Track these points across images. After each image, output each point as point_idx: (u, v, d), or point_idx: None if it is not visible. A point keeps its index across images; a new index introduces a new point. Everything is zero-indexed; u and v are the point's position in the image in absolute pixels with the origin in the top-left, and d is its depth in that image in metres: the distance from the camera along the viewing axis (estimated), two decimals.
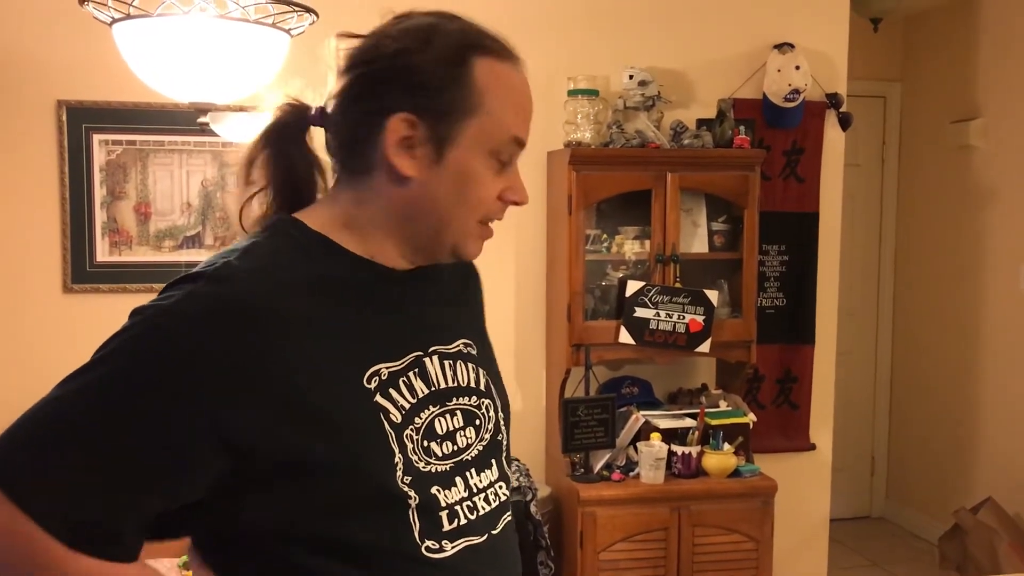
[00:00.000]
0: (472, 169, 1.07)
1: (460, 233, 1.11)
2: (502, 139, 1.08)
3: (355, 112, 1.08)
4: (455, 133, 1.05)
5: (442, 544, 1.06)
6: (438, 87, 1.04)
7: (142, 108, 3.32)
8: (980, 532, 4.01)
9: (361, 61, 1.08)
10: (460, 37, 1.07)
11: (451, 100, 1.04)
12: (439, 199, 1.07)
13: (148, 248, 3.38)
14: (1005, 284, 4.42)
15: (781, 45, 3.76)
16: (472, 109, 1.05)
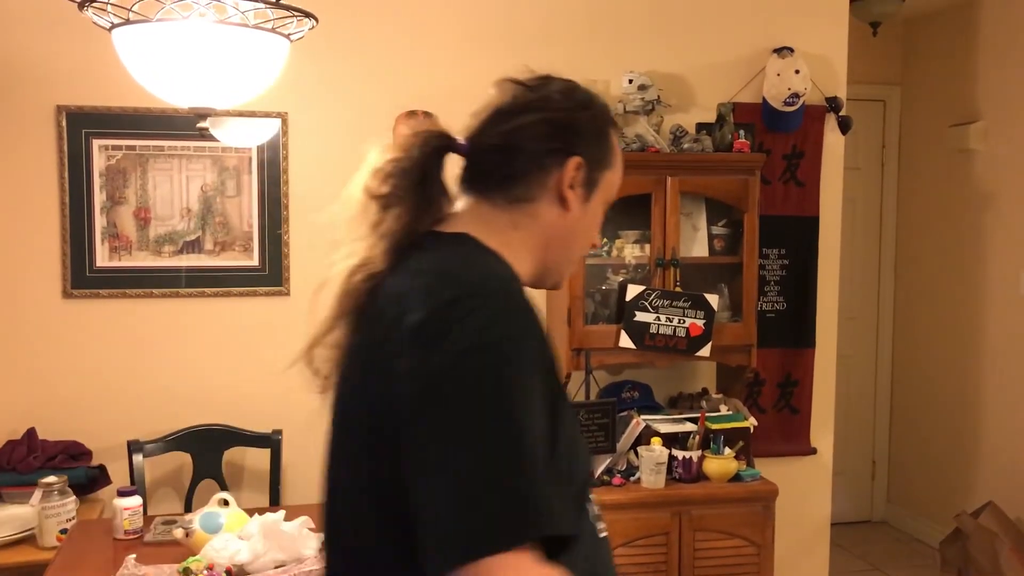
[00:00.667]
0: (598, 213, 1.29)
1: (572, 264, 1.32)
2: (612, 194, 1.30)
3: (533, 150, 1.23)
4: (600, 181, 1.26)
5: (599, 526, 1.23)
6: (597, 142, 1.26)
7: (142, 113, 3.32)
8: (981, 536, 4.00)
9: (536, 108, 1.25)
10: (604, 107, 1.30)
11: (603, 154, 1.26)
12: (577, 233, 1.27)
13: (148, 253, 3.38)
14: (1005, 288, 4.42)
15: (780, 49, 3.76)
16: (609, 165, 1.28)
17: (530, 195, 1.22)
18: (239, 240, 3.45)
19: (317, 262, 3.95)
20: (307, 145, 3.48)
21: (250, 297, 3.47)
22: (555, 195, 1.23)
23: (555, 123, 1.23)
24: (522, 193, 1.22)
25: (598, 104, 1.29)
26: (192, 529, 2.41)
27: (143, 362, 3.40)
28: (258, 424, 3.38)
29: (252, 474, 3.43)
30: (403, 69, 3.54)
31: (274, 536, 2.30)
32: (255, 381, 3.48)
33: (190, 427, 3.29)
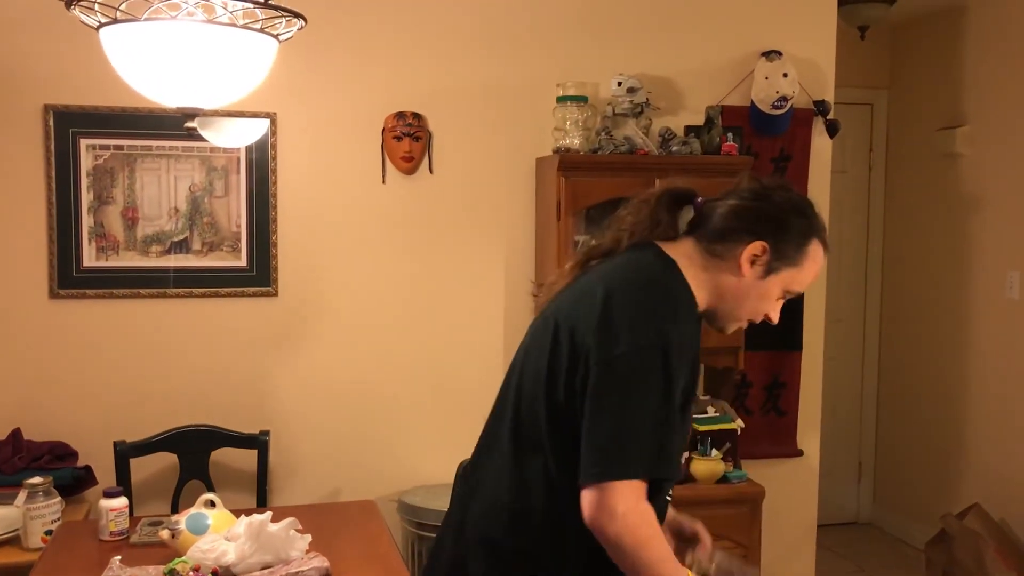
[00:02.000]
0: (770, 293, 1.67)
1: (736, 320, 1.71)
2: (794, 288, 1.68)
3: (740, 223, 1.65)
4: (779, 270, 1.65)
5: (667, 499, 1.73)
6: (787, 240, 1.64)
7: (129, 113, 3.31)
8: (966, 538, 4.02)
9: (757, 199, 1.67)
10: (816, 224, 1.69)
11: (791, 252, 1.65)
12: (745, 299, 1.67)
13: (135, 253, 3.37)
14: (992, 291, 4.44)
15: (769, 53, 3.77)
16: (795, 264, 1.66)
17: (722, 253, 1.64)
18: (227, 240, 3.44)
19: (305, 263, 3.96)
20: (296, 145, 3.48)
21: (238, 298, 3.46)
22: (737, 263, 1.63)
23: (763, 215, 1.64)
24: (718, 249, 1.64)
25: (809, 218, 1.68)
26: (178, 530, 2.40)
27: (130, 362, 3.38)
28: (245, 425, 3.37)
29: (239, 475, 3.43)
30: (392, 70, 3.54)
31: (261, 537, 2.29)
32: (243, 381, 3.47)
33: (177, 428, 3.28)
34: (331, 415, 3.56)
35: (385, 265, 3.58)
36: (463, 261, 3.61)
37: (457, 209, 3.62)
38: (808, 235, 1.66)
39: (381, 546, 2.58)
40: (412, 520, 3.31)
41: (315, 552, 2.37)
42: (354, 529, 2.72)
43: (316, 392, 3.54)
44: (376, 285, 3.58)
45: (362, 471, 3.55)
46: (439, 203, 3.60)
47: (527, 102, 3.64)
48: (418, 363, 3.58)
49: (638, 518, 1.48)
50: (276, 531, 2.31)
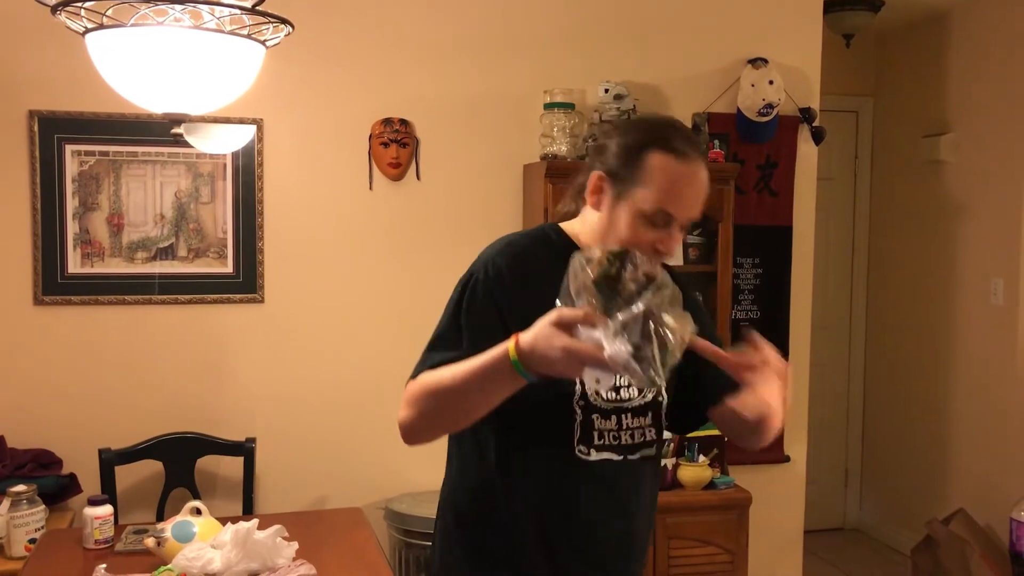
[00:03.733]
0: (625, 220, 1.58)
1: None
2: (652, 208, 1.56)
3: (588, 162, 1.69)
4: (625, 192, 1.58)
5: (589, 451, 1.63)
6: (618, 162, 1.60)
7: (115, 119, 3.30)
8: (952, 543, 4.04)
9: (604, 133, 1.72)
10: (646, 134, 1.60)
11: (623, 173, 1.59)
12: (612, 230, 1.59)
13: (121, 260, 3.35)
14: (976, 298, 4.47)
15: (755, 60, 3.79)
16: (637, 181, 1.57)
17: (585, 196, 1.65)
18: (213, 247, 3.42)
19: (292, 270, 3.94)
20: (283, 151, 3.47)
21: (224, 304, 3.45)
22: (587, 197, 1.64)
23: (597, 146, 1.66)
24: (584, 195, 1.65)
25: (642, 131, 1.61)
26: (164, 538, 2.39)
27: (115, 369, 3.36)
28: (231, 432, 3.35)
29: (225, 482, 3.41)
30: (379, 76, 3.54)
31: (247, 545, 2.28)
32: (229, 389, 3.46)
33: (162, 435, 3.26)
34: (317, 422, 3.55)
35: (372, 271, 3.58)
36: (450, 267, 3.57)
37: (444, 215, 3.62)
38: (640, 148, 1.57)
39: (368, 553, 2.57)
40: (399, 527, 3.30)
41: (302, 560, 2.36)
42: (341, 536, 2.71)
43: (302, 399, 3.53)
44: (363, 291, 3.58)
45: (349, 478, 3.54)
46: (426, 209, 3.60)
47: (514, 109, 3.64)
48: (404, 369, 3.55)
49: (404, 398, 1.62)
50: (262, 539, 2.30)
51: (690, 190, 1.58)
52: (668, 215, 1.56)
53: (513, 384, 1.41)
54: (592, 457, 1.63)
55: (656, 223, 1.56)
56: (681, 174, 1.56)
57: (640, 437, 1.68)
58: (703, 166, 1.60)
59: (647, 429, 1.69)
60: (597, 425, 1.63)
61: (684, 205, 1.57)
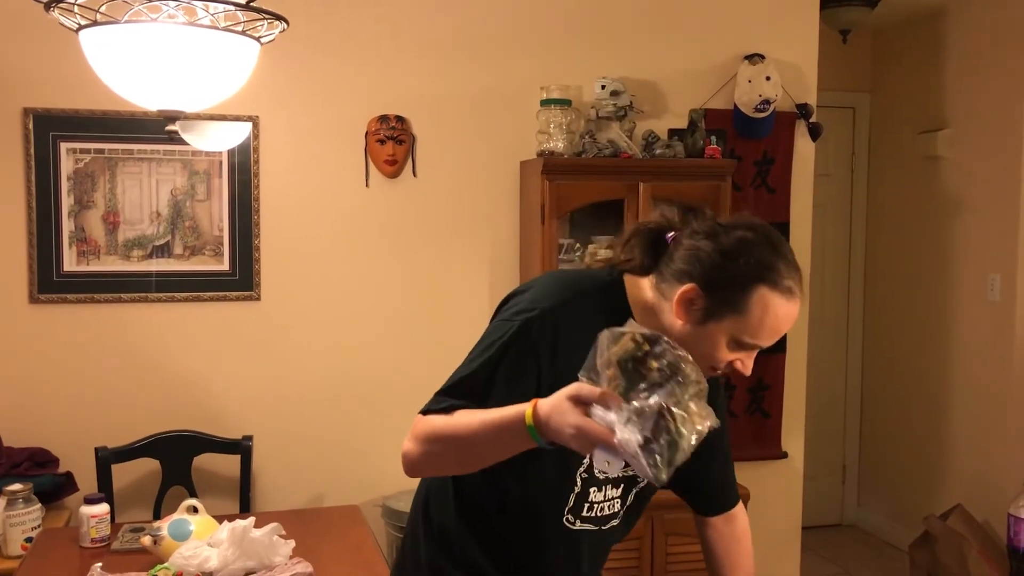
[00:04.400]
0: (716, 341, 1.50)
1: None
2: (746, 339, 1.50)
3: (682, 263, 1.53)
4: (721, 317, 1.48)
5: (575, 521, 1.63)
6: (725, 285, 1.48)
7: (110, 116, 3.29)
8: (950, 539, 4.04)
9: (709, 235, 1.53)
10: (767, 269, 1.49)
11: (727, 297, 1.48)
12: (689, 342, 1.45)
13: (116, 257, 3.34)
14: (973, 293, 4.47)
15: (752, 56, 3.79)
16: (737, 312, 1.48)
17: (666, 293, 1.53)
18: (209, 244, 3.42)
19: (288, 267, 3.93)
20: (279, 149, 3.46)
21: (220, 302, 3.44)
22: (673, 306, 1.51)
23: (702, 256, 1.50)
24: (664, 289, 1.54)
25: (759, 261, 1.49)
26: (160, 536, 2.39)
27: (111, 368, 3.36)
28: (228, 430, 3.35)
29: (222, 480, 3.40)
30: (376, 73, 3.53)
31: (244, 543, 2.28)
32: (225, 386, 3.45)
33: (159, 433, 3.25)
34: (314, 420, 3.54)
35: (369, 269, 3.57)
36: (447, 264, 3.60)
37: (441, 212, 3.61)
38: (752, 280, 1.47)
39: (365, 551, 2.57)
40: (396, 525, 3.30)
41: (299, 557, 2.36)
42: (338, 534, 2.70)
43: (299, 396, 3.52)
44: (359, 288, 3.57)
45: (346, 476, 3.53)
46: (423, 206, 3.59)
47: (511, 105, 3.63)
48: (402, 366, 3.57)
49: (412, 430, 1.55)
50: (259, 536, 2.30)
51: (788, 325, 1.54)
52: (759, 346, 1.53)
53: (526, 446, 1.38)
54: (576, 527, 1.64)
55: (743, 348, 1.52)
56: (784, 313, 1.51)
57: (611, 509, 1.68)
58: (801, 298, 1.54)
59: (616, 501, 1.68)
60: (591, 497, 1.62)
61: (776, 337, 1.54)
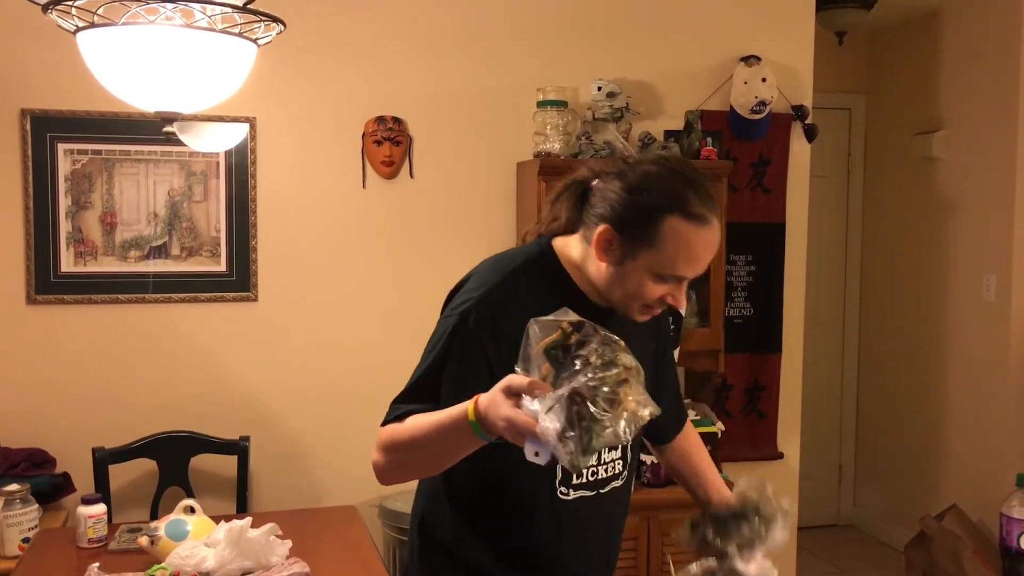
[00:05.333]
0: (640, 279, 1.52)
1: (622, 306, 1.58)
2: (664, 272, 1.51)
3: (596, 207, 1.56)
4: (635, 252, 1.51)
5: (569, 491, 1.63)
6: (634, 222, 1.50)
7: (108, 117, 3.29)
8: (945, 539, 4.05)
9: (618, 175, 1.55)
10: (662, 198, 1.49)
11: (637, 233, 1.50)
12: (613, 284, 1.55)
13: (114, 258, 3.35)
14: (969, 294, 4.48)
15: (748, 58, 3.80)
16: (650, 244, 1.49)
17: (588, 239, 1.56)
18: (206, 245, 3.42)
19: (285, 268, 3.93)
20: (276, 150, 3.47)
21: (217, 303, 3.44)
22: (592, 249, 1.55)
23: (610, 196, 1.53)
24: (587, 235, 1.57)
25: (662, 193, 1.50)
26: (157, 536, 2.39)
27: (108, 368, 3.36)
28: (225, 431, 3.35)
29: (219, 481, 3.41)
30: (372, 74, 3.54)
31: (241, 543, 2.28)
32: (223, 387, 3.46)
33: (156, 434, 3.26)
34: (311, 420, 3.55)
35: (365, 269, 3.58)
36: (444, 265, 3.60)
37: (438, 213, 3.62)
38: (659, 212, 1.48)
39: (362, 551, 2.58)
40: (393, 525, 3.30)
41: (295, 558, 2.36)
42: (335, 534, 2.71)
43: (296, 397, 3.53)
44: (356, 289, 3.58)
45: (343, 476, 3.54)
46: (420, 207, 3.60)
47: (507, 106, 3.64)
48: (398, 367, 3.55)
49: (376, 441, 1.56)
50: (256, 537, 2.31)
51: (705, 254, 1.53)
52: (682, 277, 1.54)
53: (476, 443, 1.36)
54: (570, 497, 1.63)
55: (668, 281, 1.53)
56: (700, 240, 1.50)
57: (612, 471, 1.68)
58: (719, 223, 1.54)
59: (616, 463, 1.69)
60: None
61: (699, 266, 1.54)
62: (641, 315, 1.59)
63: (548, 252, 1.62)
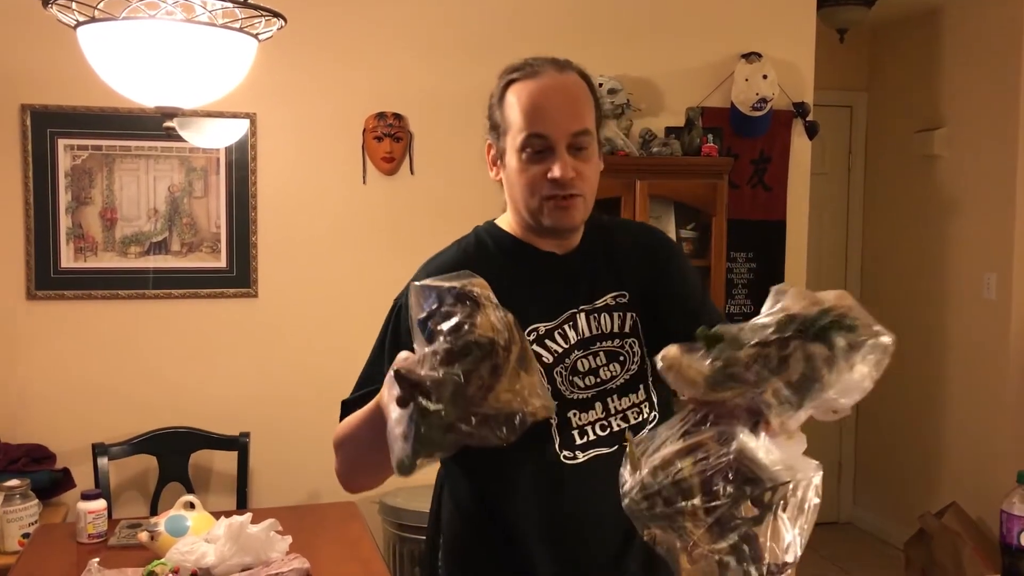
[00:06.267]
0: (512, 170, 1.47)
1: (533, 211, 1.48)
2: (522, 138, 1.44)
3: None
4: (502, 142, 1.48)
5: (575, 454, 1.47)
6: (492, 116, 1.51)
7: (108, 113, 3.29)
8: (945, 537, 4.05)
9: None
10: (501, 77, 1.51)
11: (498, 124, 1.49)
12: (515, 186, 1.48)
13: (114, 254, 3.35)
14: (969, 292, 4.48)
15: (749, 55, 3.79)
16: (507, 128, 1.47)
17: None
18: (206, 241, 3.42)
19: (285, 264, 3.93)
20: (276, 146, 3.47)
21: (218, 299, 3.44)
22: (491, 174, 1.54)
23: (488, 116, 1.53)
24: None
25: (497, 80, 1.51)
26: (157, 532, 2.39)
27: (108, 364, 3.36)
28: (225, 427, 3.35)
29: (219, 477, 3.41)
30: (373, 70, 3.53)
31: (240, 539, 2.28)
32: (223, 383, 3.46)
33: (156, 429, 3.26)
34: (311, 416, 3.53)
35: (366, 266, 3.57)
36: None
37: (438, 210, 3.62)
38: (501, 92, 1.49)
39: (362, 547, 2.58)
40: (393, 521, 3.30)
41: (295, 554, 2.36)
42: (335, 530, 2.71)
43: (296, 393, 3.53)
44: (356, 286, 3.57)
45: None
46: (420, 204, 3.59)
47: None
48: None
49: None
50: (256, 532, 2.30)
51: (551, 100, 1.44)
52: (540, 137, 1.43)
53: None
54: (580, 459, 1.46)
55: (538, 151, 1.43)
56: (535, 90, 1.45)
57: (635, 418, 1.51)
58: (561, 74, 1.46)
59: (641, 406, 1.52)
60: (576, 423, 1.47)
61: (552, 119, 1.43)
62: (553, 215, 1.46)
63: (489, 228, 1.60)
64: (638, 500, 1.04)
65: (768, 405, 1.01)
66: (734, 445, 1.00)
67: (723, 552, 0.99)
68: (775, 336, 1.01)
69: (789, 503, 1.03)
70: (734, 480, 1.00)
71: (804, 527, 1.03)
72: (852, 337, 1.06)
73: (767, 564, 1.00)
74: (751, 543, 0.99)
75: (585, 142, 1.45)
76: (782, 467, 1.02)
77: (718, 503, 0.99)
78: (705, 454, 1.01)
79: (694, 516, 1.00)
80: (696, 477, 1.00)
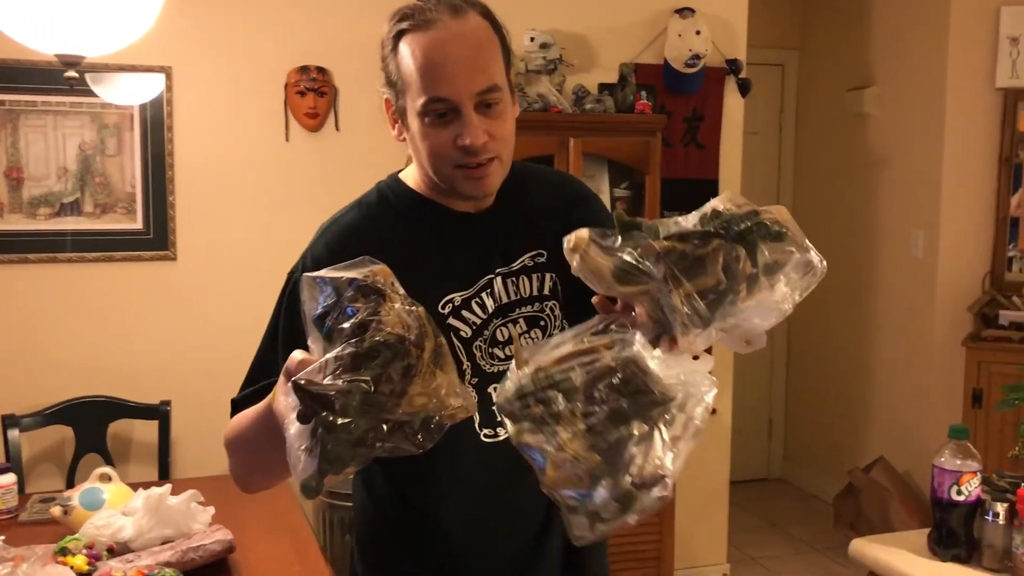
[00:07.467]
0: (417, 135, 1.31)
1: (444, 178, 1.33)
2: (421, 103, 1.26)
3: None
4: (403, 103, 1.31)
5: (496, 431, 1.36)
6: (387, 71, 1.33)
7: (10, 65, 3.10)
8: (873, 491, 4.12)
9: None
10: (390, 25, 1.30)
11: (395, 82, 1.31)
12: (419, 150, 1.33)
13: (21, 216, 3.17)
14: (897, 250, 4.53)
15: (682, 10, 3.74)
16: (405, 86, 1.29)
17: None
18: (121, 202, 3.26)
19: (205, 225, 3.79)
20: (193, 101, 3.31)
21: (134, 262, 3.30)
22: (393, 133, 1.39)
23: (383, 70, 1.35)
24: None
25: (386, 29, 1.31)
26: (71, 506, 2.28)
27: (18, 332, 3.20)
28: (145, 395, 3.22)
29: (140, 447, 3.29)
30: (295, 22, 3.39)
31: (160, 511, 2.18)
32: (142, 350, 3.33)
33: (72, 399, 3.12)
34: (235, 382, 3.41)
35: (289, 226, 3.45)
36: None
37: (365, 167, 3.47)
38: (393, 43, 1.30)
39: (289, 516, 2.50)
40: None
41: (218, 524, 2.27)
42: (261, 500, 2.60)
43: (219, 359, 3.40)
44: (280, 247, 3.43)
45: None
46: (346, 161, 3.48)
47: None
48: None
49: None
50: (176, 504, 2.21)
51: (450, 55, 1.25)
52: (444, 100, 1.25)
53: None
54: (501, 437, 1.36)
55: (441, 115, 1.27)
56: (429, 44, 1.25)
57: None
58: (459, 20, 1.27)
59: None
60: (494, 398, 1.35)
61: (453, 78, 1.25)
62: (468, 184, 1.32)
63: (393, 184, 1.45)
64: (512, 399, 0.97)
65: (675, 312, 0.94)
66: (626, 352, 0.93)
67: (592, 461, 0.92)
68: (696, 231, 0.94)
69: (677, 420, 0.93)
70: (619, 388, 0.93)
71: (685, 445, 0.93)
72: (778, 247, 0.96)
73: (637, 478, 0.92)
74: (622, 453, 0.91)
75: (494, 98, 1.28)
76: (676, 382, 0.94)
77: (595, 409, 0.92)
78: (593, 359, 0.94)
79: (570, 420, 0.93)
80: (579, 380, 0.93)
